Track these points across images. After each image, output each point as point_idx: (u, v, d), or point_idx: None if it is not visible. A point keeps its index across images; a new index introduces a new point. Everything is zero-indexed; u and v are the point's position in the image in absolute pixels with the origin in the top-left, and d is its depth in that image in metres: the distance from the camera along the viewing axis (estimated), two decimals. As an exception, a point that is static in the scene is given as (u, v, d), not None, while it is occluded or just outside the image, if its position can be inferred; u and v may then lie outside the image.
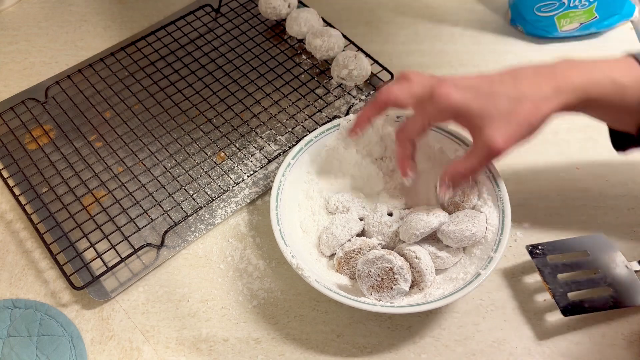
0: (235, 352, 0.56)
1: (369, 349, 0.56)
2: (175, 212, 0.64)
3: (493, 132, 0.48)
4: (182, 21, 0.80)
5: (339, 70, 0.71)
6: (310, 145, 0.63)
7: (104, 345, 0.56)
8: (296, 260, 0.54)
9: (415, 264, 0.55)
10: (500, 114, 0.48)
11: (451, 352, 0.55)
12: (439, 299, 0.52)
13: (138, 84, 0.74)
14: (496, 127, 0.48)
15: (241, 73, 0.75)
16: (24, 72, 0.78)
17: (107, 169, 0.67)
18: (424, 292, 0.55)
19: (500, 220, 0.56)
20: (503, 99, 0.48)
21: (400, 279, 0.53)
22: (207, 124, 0.71)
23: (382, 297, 0.54)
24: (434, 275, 0.56)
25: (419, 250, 0.55)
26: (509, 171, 0.66)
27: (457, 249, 0.57)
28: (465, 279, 0.54)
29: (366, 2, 0.86)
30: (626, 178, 0.66)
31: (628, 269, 0.57)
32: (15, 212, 0.66)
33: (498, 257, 0.53)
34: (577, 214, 0.63)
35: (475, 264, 0.55)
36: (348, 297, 0.52)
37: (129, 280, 0.60)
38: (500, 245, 0.54)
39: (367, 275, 0.54)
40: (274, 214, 0.57)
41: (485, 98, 0.49)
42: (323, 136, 0.63)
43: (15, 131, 0.70)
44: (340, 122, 0.63)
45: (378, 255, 0.54)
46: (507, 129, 0.48)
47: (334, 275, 0.57)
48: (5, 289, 0.60)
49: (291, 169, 0.61)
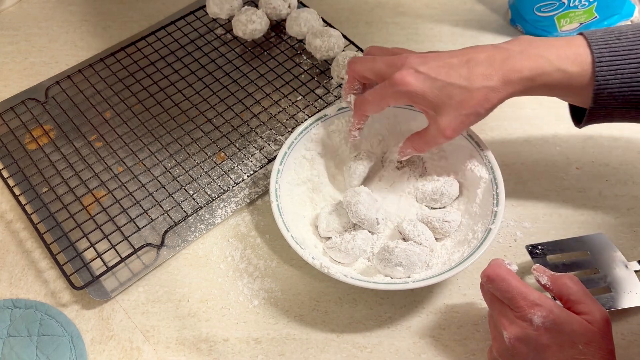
0: (235, 352, 0.56)
1: (369, 349, 0.56)
2: (175, 212, 0.64)
3: (444, 121, 0.54)
4: (182, 21, 0.80)
5: (339, 70, 0.71)
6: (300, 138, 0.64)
7: (104, 345, 0.56)
8: (319, 261, 0.55)
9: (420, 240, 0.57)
10: (452, 104, 0.53)
11: (451, 352, 0.55)
12: (462, 262, 0.54)
13: (138, 84, 0.74)
14: (447, 117, 0.53)
15: (241, 73, 0.75)
16: (24, 72, 0.78)
17: (107, 169, 0.67)
18: (436, 262, 0.57)
19: (491, 174, 0.59)
20: (456, 90, 0.52)
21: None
22: (207, 124, 0.71)
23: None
24: (436, 244, 0.59)
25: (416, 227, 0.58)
26: (509, 171, 0.66)
27: (456, 210, 0.61)
28: (478, 237, 0.56)
29: (366, 2, 0.86)
30: (626, 178, 0.66)
31: (628, 269, 0.57)
32: (15, 212, 0.66)
33: (501, 210, 0.57)
34: (577, 214, 0.63)
35: (480, 222, 0.57)
36: (384, 282, 0.55)
37: (129, 280, 0.60)
38: (499, 198, 0.58)
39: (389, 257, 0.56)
40: (277, 215, 0.58)
41: (440, 89, 0.53)
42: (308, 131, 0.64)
43: (15, 131, 0.70)
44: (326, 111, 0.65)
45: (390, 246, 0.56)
46: (457, 118, 0.53)
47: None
48: (5, 289, 0.60)
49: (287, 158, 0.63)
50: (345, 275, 0.54)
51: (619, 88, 0.51)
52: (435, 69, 0.53)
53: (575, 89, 0.53)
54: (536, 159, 0.68)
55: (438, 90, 0.53)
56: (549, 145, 0.69)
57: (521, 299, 0.47)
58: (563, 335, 0.45)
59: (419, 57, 0.54)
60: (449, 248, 0.59)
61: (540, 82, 0.52)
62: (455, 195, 0.62)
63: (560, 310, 0.47)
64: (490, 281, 0.49)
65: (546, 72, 0.52)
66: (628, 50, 0.51)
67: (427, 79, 0.53)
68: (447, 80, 0.52)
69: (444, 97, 0.53)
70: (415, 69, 0.53)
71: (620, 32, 0.52)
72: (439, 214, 0.60)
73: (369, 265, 0.59)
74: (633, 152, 0.68)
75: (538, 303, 0.46)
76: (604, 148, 0.68)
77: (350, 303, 0.58)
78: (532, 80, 0.52)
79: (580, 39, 0.53)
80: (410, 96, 0.54)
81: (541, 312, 0.46)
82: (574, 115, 0.58)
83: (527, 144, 0.69)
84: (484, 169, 0.60)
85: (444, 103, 0.53)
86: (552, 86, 0.53)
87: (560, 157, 0.68)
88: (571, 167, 0.67)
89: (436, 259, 0.58)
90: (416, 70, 0.53)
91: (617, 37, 0.51)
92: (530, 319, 0.46)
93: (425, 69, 0.53)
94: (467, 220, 0.60)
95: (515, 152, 0.68)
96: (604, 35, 0.52)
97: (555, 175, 0.67)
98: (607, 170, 0.67)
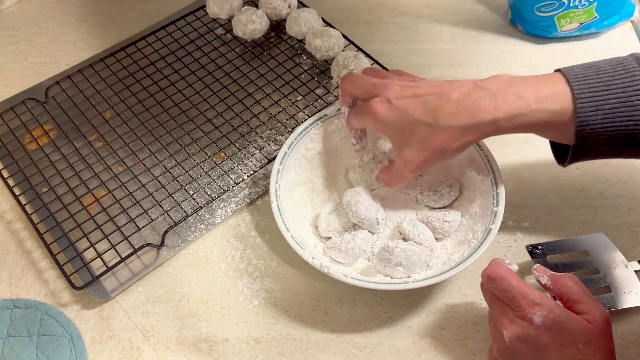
0: (235, 352, 0.56)
1: (369, 349, 0.56)
2: (175, 212, 0.64)
3: (407, 155, 0.55)
4: (182, 21, 0.80)
5: (339, 70, 0.71)
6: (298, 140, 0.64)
7: (104, 345, 0.56)
8: (319, 261, 0.55)
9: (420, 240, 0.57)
10: (416, 141, 0.53)
11: (451, 352, 0.55)
12: (462, 262, 0.54)
13: (138, 84, 0.74)
14: (410, 150, 0.54)
15: (241, 73, 0.76)
16: (24, 72, 0.78)
17: (107, 169, 0.67)
18: (436, 262, 0.57)
19: (491, 174, 0.59)
20: (420, 126, 0.53)
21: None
22: (207, 124, 0.71)
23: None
24: (436, 244, 0.59)
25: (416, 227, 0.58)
26: (508, 171, 0.66)
27: (456, 211, 0.61)
28: (478, 237, 0.56)
29: (366, 2, 0.86)
30: (626, 178, 0.66)
31: (628, 269, 0.57)
32: (15, 212, 0.66)
33: (501, 210, 0.57)
34: (577, 214, 0.63)
35: (480, 222, 0.58)
36: (384, 282, 0.55)
37: (129, 280, 0.60)
38: (499, 198, 0.58)
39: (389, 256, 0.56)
40: (277, 215, 0.58)
41: (405, 124, 0.53)
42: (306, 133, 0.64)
43: (15, 131, 0.70)
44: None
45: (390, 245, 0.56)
46: (420, 153, 0.54)
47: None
48: (5, 289, 0.60)
49: (287, 158, 0.62)
50: (345, 275, 0.54)
51: (602, 124, 0.49)
52: (407, 103, 0.53)
53: (556, 127, 0.51)
54: (536, 159, 0.68)
55: (403, 125, 0.53)
56: (549, 145, 0.69)
57: (521, 299, 0.47)
58: (563, 335, 0.46)
59: (399, 87, 0.54)
60: (449, 248, 0.59)
61: (517, 122, 0.51)
62: (455, 195, 0.62)
63: (561, 309, 0.47)
64: (490, 281, 0.49)
65: (523, 113, 0.50)
66: (608, 86, 0.50)
67: (396, 111, 0.53)
68: (414, 116, 0.53)
69: (408, 132, 0.53)
70: (388, 100, 0.54)
71: (598, 67, 0.51)
72: (439, 214, 0.60)
73: (369, 265, 0.59)
74: (633, 152, 0.68)
75: (538, 302, 0.47)
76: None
77: (350, 303, 0.58)
78: (507, 120, 0.51)
79: (558, 76, 0.51)
80: (378, 126, 0.55)
81: (541, 311, 0.46)
82: (557, 154, 0.56)
83: (527, 144, 0.69)
84: (484, 169, 0.60)
85: (407, 138, 0.54)
86: (531, 125, 0.52)
87: (560, 157, 0.68)
88: (571, 167, 0.67)
89: (436, 259, 0.58)
90: (389, 100, 0.54)
91: (596, 72, 0.50)
92: (530, 319, 0.46)
93: (398, 102, 0.54)
94: (467, 220, 0.60)
95: (515, 152, 0.68)
96: (583, 71, 0.51)
97: (555, 175, 0.67)
98: (607, 170, 0.67)
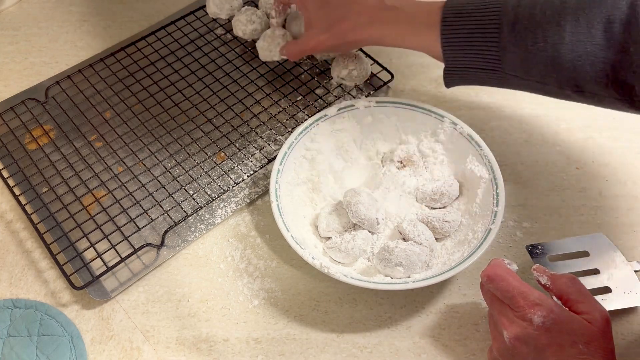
0: (235, 352, 0.56)
1: (369, 349, 0.56)
2: (175, 212, 0.64)
3: (312, 34, 0.65)
4: (182, 21, 0.80)
5: (339, 70, 0.71)
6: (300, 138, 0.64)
7: (104, 345, 0.56)
8: (319, 261, 0.55)
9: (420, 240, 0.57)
10: (325, 26, 0.64)
11: (451, 352, 0.55)
12: (462, 262, 0.54)
13: (138, 84, 0.74)
14: (316, 32, 0.65)
15: (241, 73, 0.76)
16: (24, 72, 0.78)
17: (107, 169, 0.67)
18: (436, 262, 0.57)
19: (491, 174, 0.60)
20: (333, 15, 0.63)
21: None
22: (207, 124, 0.71)
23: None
24: (436, 244, 0.59)
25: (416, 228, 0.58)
26: (508, 171, 0.66)
27: (456, 211, 0.61)
28: (478, 237, 0.56)
29: (366, 2, 0.86)
30: (626, 178, 0.66)
31: (628, 269, 0.57)
32: (15, 212, 0.66)
33: (501, 210, 0.57)
34: (577, 214, 0.63)
35: (480, 222, 0.58)
36: (385, 282, 0.55)
37: (129, 280, 0.60)
38: (499, 198, 0.58)
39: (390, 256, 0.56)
40: (277, 215, 0.58)
41: (322, 12, 0.64)
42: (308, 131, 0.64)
43: (15, 131, 0.70)
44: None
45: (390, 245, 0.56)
46: (324, 35, 0.64)
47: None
48: (5, 289, 0.60)
49: (287, 157, 0.63)
50: (345, 275, 0.54)
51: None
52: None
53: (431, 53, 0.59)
54: (536, 159, 0.68)
55: (320, 13, 0.64)
56: (549, 145, 0.69)
57: (521, 299, 0.47)
58: (563, 335, 0.46)
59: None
60: (449, 248, 0.59)
61: (396, 44, 0.62)
62: (455, 195, 0.62)
63: (561, 309, 0.47)
64: (490, 281, 0.49)
65: (404, 41, 0.61)
66: None
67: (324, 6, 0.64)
68: (332, 11, 0.63)
69: (323, 18, 0.64)
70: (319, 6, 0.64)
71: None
72: (439, 214, 0.60)
73: (369, 265, 0.59)
74: (633, 152, 0.68)
75: (538, 303, 0.47)
76: (604, 148, 0.68)
77: (350, 303, 0.58)
78: (391, 40, 0.62)
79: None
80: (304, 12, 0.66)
81: (541, 311, 0.46)
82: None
83: (527, 144, 0.69)
84: (484, 169, 0.60)
85: (320, 23, 0.64)
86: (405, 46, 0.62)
87: (560, 157, 0.68)
88: (571, 167, 0.67)
89: (436, 259, 0.58)
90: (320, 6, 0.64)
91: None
92: (530, 319, 0.46)
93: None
94: (467, 220, 0.60)
95: (515, 152, 0.68)
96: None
97: (555, 175, 0.67)
98: (607, 170, 0.67)
